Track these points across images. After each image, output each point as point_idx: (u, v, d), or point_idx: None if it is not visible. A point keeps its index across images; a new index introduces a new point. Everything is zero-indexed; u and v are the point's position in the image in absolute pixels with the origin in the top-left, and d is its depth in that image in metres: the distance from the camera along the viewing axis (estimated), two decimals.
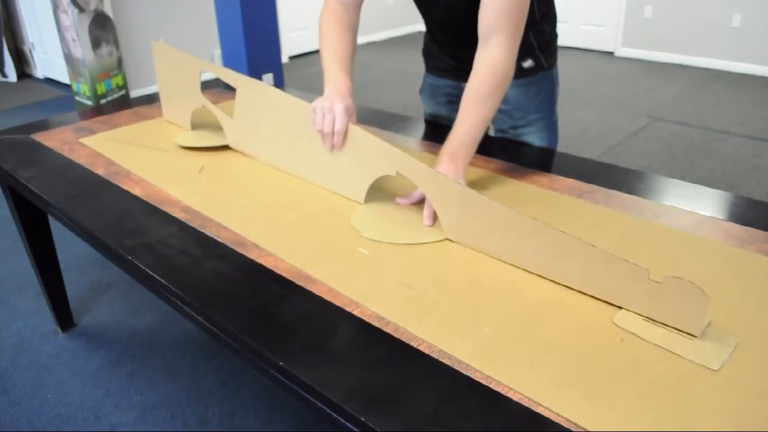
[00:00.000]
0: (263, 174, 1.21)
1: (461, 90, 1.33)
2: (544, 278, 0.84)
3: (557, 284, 0.83)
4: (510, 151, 1.30)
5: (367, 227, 0.98)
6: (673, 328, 0.73)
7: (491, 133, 1.42)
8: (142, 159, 1.29)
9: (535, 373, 0.67)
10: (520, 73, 1.26)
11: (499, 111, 1.33)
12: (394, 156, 0.97)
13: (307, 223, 1.01)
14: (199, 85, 1.37)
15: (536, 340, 0.72)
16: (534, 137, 1.35)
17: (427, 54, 1.49)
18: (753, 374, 0.66)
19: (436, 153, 1.08)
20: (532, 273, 0.86)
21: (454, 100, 1.42)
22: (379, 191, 1.08)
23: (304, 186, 1.15)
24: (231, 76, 1.25)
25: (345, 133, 1.03)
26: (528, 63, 1.29)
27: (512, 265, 0.88)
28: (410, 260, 0.90)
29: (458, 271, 0.87)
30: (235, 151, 1.32)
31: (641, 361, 0.68)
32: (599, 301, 0.79)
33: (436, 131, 1.41)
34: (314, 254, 0.92)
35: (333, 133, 1.03)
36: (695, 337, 0.71)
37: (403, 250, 0.93)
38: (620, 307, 0.77)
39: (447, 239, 0.95)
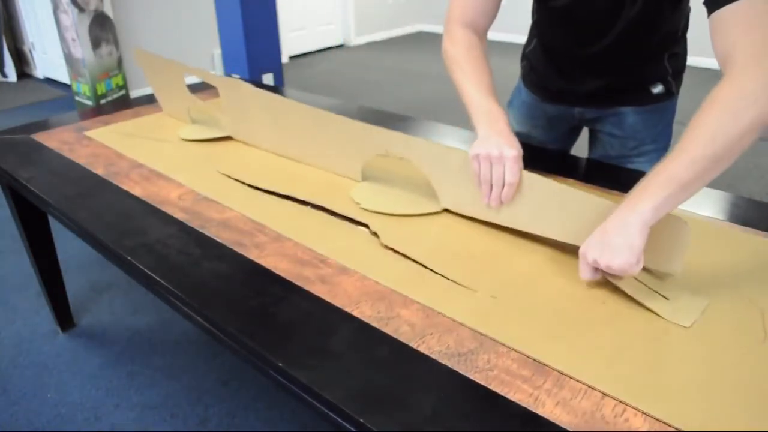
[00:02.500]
0: (265, 159, 1.27)
1: (570, 114, 1.25)
2: (535, 246, 0.91)
3: (546, 253, 0.89)
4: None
5: (367, 200, 1.04)
6: (656, 273, 0.81)
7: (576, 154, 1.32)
8: (147, 150, 1.33)
9: (524, 330, 0.74)
10: (647, 99, 1.17)
11: (611, 136, 1.23)
12: (385, 136, 1.03)
13: (309, 200, 1.06)
14: (185, 86, 1.42)
15: (525, 302, 0.79)
16: (641, 168, 1.21)
17: (530, 66, 1.29)
18: (720, 330, 0.74)
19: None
20: (525, 239, 0.92)
21: (556, 125, 1.31)
22: (378, 169, 1.13)
23: (304, 169, 1.21)
24: (209, 77, 1.32)
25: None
26: (658, 89, 1.17)
27: (507, 228, 0.93)
28: (408, 232, 0.95)
29: (453, 242, 0.93)
30: (237, 140, 1.37)
31: (621, 320, 0.76)
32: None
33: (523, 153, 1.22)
34: (315, 231, 0.97)
35: (502, 185, 0.88)
36: (674, 275, 0.79)
37: (401, 222, 0.98)
38: None
39: (444, 210, 1.00)
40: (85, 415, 1.48)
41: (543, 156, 1.29)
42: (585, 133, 1.36)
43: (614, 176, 1.17)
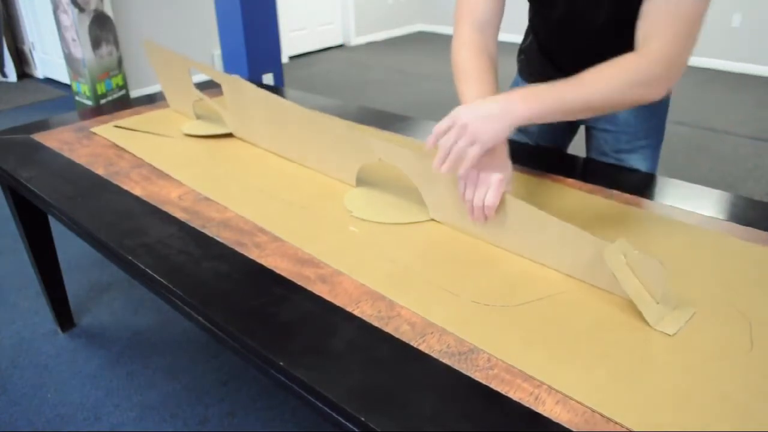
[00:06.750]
0: (264, 159, 1.27)
1: None
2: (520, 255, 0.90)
3: (529, 259, 0.89)
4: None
5: (358, 207, 1.04)
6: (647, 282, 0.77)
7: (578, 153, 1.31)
8: (149, 145, 1.34)
9: (504, 336, 0.73)
10: None
11: (604, 131, 1.24)
12: (376, 146, 1.03)
13: (302, 203, 1.07)
14: (191, 80, 1.43)
15: (507, 308, 0.79)
16: (635, 164, 1.23)
17: (527, 60, 1.30)
18: (704, 339, 0.72)
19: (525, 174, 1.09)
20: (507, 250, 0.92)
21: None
22: (373, 175, 1.13)
23: (302, 170, 1.21)
24: (212, 73, 1.33)
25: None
26: None
27: (490, 243, 0.93)
28: (396, 238, 0.96)
29: (439, 248, 0.93)
30: (238, 138, 1.37)
31: (603, 327, 0.74)
32: (565, 274, 0.85)
33: (519, 151, 1.17)
34: (308, 232, 0.98)
35: (483, 207, 0.88)
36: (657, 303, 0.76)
37: (390, 229, 0.98)
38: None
39: (432, 220, 1.01)
40: (85, 415, 1.48)
41: (540, 154, 1.29)
42: (582, 132, 1.36)
43: (609, 174, 1.17)
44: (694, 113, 3.79)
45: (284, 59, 5.34)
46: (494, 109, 0.83)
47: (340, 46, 6.00)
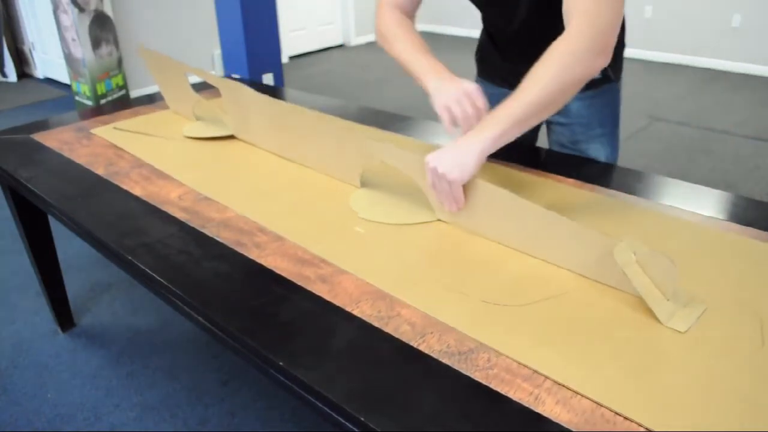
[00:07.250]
0: (267, 160, 1.27)
1: None
2: (527, 254, 0.90)
3: (536, 259, 0.89)
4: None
5: (365, 208, 1.04)
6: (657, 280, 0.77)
7: (545, 145, 1.34)
8: (151, 147, 1.34)
9: (515, 335, 0.73)
10: (585, 85, 1.21)
11: (559, 124, 1.27)
12: (377, 148, 1.03)
13: (308, 204, 1.07)
14: (188, 84, 1.43)
15: (516, 307, 0.78)
16: (594, 153, 1.27)
17: (481, 59, 1.38)
18: (715, 336, 0.72)
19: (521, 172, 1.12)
20: (516, 250, 0.92)
21: None
22: (378, 175, 1.13)
23: (306, 171, 1.21)
24: (209, 77, 1.33)
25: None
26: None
27: (498, 242, 0.93)
28: (403, 238, 0.96)
29: (447, 248, 0.93)
30: (240, 140, 1.37)
31: (612, 325, 0.74)
32: (575, 272, 0.85)
33: (513, 150, 1.18)
34: (313, 232, 0.97)
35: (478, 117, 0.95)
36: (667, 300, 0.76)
37: (397, 230, 0.98)
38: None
39: (439, 220, 1.01)
40: (85, 415, 1.48)
41: (506, 147, 1.29)
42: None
43: (571, 165, 1.20)
44: (694, 113, 3.79)
45: (284, 59, 5.34)
46: (460, 150, 0.90)
47: (340, 46, 6.00)
